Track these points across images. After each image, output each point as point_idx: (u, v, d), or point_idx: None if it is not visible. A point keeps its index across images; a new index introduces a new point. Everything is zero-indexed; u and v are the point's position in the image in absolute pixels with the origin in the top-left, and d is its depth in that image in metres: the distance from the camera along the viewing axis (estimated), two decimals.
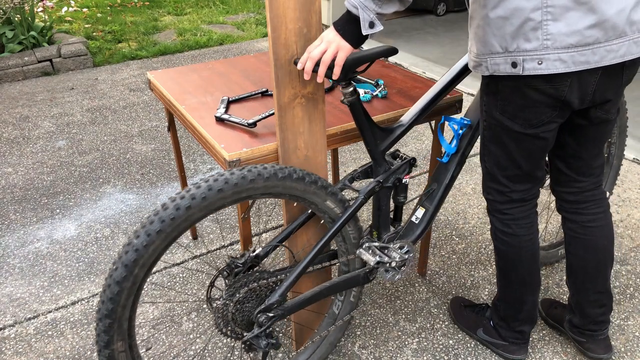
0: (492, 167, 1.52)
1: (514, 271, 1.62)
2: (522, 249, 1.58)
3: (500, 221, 1.59)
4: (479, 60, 1.33)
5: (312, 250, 1.41)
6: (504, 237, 1.59)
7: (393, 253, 1.57)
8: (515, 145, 1.42)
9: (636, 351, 1.80)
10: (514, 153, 1.44)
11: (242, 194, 1.26)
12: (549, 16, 1.18)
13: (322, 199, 1.41)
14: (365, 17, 1.25)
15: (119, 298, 1.19)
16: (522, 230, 1.57)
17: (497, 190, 1.55)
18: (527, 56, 1.23)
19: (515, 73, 1.26)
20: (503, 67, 1.28)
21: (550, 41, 1.20)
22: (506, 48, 1.25)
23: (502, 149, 1.46)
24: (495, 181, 1.54)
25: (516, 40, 1.23)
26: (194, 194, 1.20)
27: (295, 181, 1.33)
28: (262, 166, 1.29)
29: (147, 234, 1.18)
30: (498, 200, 1.56)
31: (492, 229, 1.64)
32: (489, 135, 1.47)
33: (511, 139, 1.42)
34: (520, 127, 1.38)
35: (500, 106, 1.38)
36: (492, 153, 1.49)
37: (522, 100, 1.32)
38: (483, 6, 1.25)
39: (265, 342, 1.36)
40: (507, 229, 1.58)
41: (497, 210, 1.58)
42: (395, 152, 1.59)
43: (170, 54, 4.87)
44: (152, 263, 1.21)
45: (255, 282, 1.37)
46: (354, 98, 1.37)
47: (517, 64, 1.25)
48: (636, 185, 2.72)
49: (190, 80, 1.93)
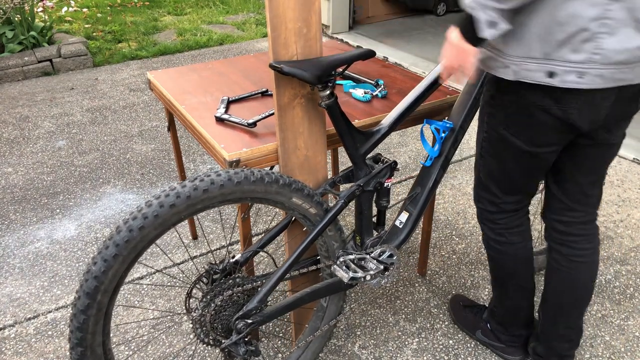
0: (486, 178, 1.49)
1: (510, 279, 1.59)
2: (517, 257, 1.55)
3: (492, 230, 1.55)
4: (506, 62, 1.22)
5: (291, 255, 1.39)
6: (497, 246, 1.56)
7: (370, 264, 1.53)
8: (514, 161, 1.38)
9: (636, 351, 1.80)
10: (511, 169, 1.41)
11: (198, 206, 1.21)
12: (604, 29, 1.09)
13: (286, 197, 1.35)
14: (483, 17, 1.12)
15: (87, 326, 1.18)
16: (516, 238, 1.54)
17: (488, 199, 1.52)
18: (569, 67, 1.13)
19: (549, 83, 1.16)
20: (536, 75, 1.17)
21: (599, 55, 1.11)
22: (548, 54, 1.14)
23: (499, 162, 1.42)
24: (487, 191, 1.51)
25: (561, 49, 1.12)
26: (146, 213, 1.16)
27: (253, 184, 1.27)
28: (215, 173, 1.23)
29: (104, 260, 1.15)
30: (489, 209, 1.53)
31: (484, 237, 1.60)
32: (488, 148, 1.43)
33: (511, 155, 1.37)
34: (523, 144, 1.33)
35: (506, 121, 1.32)
36: (487, 164, 1.46)
37: (528, 119, 1.27)
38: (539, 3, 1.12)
39: (244, 349, 1.33)
40: (501, 238, 1.54)
41: (489, 219, 1.55)
42: (377, 155, 1.57)
43: (170, 54, 4.87)
44: (115, 287, 1.19)
45: (231, 289, 1.35)
46: (332, 101, 1.35)
47: (555, 74, 1.15)
48: (636, 185, 2.72)
49: (190, 80, 1.93)
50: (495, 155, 1.42)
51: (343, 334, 1.88)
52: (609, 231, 2.38)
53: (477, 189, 1.55)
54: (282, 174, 1.33)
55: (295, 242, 1.60)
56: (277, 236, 1.49)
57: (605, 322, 1.91)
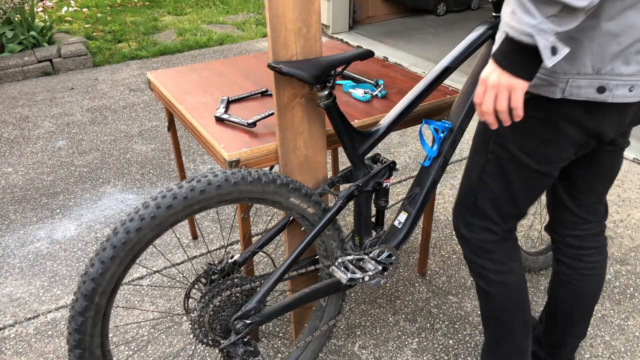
0: (486, 204, 1.34)
1: (516, 317, 1.43)
2: (519, 287, 1.41)
3: (491, 261, 1.39)
4: (552, 80, 1.10)
5: (290, 255, 1.39)
6: (500, 278, 1.39)
7: (368, 265, 1.53)
8: (522, 183, 1.27)
9: (636, 351, 1.80)
10: (517, 192, 1.29)
11: (195, 206, 1.21)
12: None
13: (284, 197, 1.35)
14: (545, 44, 0.97)
15: (85, 328, 1.18)
16: (517, 265, 1.41)
17: (485, 228, 1.37)
18: (620, 81, 1.06)
19: (598, 99, 1.08)
20: (585, 91, 1.08)
21: None
22: (599, 70, 1.06)
23: (505, 185, 1.29)
24: (485, 219, 1.36)
25: (614, 62, 1.05)
26: (143, 215, 1.16)
27: (250, 184, 1.26)
28: (212, 174, 1.23)
29: (101, 262, 1.15)
30: (486, 239, 1.38)
31: (479, 274, 1.42)
32: (492, 171, 1.29)
33: (520, 176, 1.26)
34: (536, 164, 1.22)
35: (520, 140, 1.21)
36: (489, 189, 1.32)
37: (552, 134, 1.16)
38: (593, 15, 1.02)
39: (243, 349, 1.33)
40: (503, 267, 1.39)
41: (486, 250, 1.39)
42: (376, 155, 1.57)
43: (170, 54, 4.87)
44: (112, 289, 1.19)
45: (229, 290, 1.35)
46: (330, 101, 1.35)
47: (605, 89, 1.06)
48: (636, 185, 2.72)
49: (190, 80, 1.93)
50: (502, 178, 1.29)
51: (343, 334, 1.88)
52: (609, 231, 2.38)
53: (468, 217, 1.39)
54: (279, 174, 1.33)
55: (295, 242, 1.60)
56: (276, 236, 1.49)
57: (605, 322, 1.91)
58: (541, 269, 2.11)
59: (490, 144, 1.28)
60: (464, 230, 1.41)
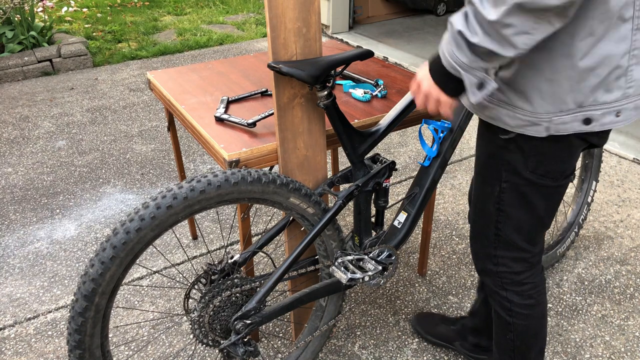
0: (512, 234, 1.27)
1: (534, 346, 1.41)
2: (543, 317, 1.38)
3: (518, 294, 1.34)
4: (535, 120, 1.09)
5: (290, 255, 1.39)
6: (525, 311, 1.35)
7: (368, 265, 1.53)
8: (545, 202, 1.23)
9: (636, 351, 1.80)
10: (542, 212, 1.24)
11: (195, 207, 1.21)
12: (634, 60, 1.02)
13: (284, 197, 1.34)
14: (472, 81, 1.01)
15: (85, 329, 1.18)
16: (543, 297, 1.36)
17: (514, 258, 1.31)
18: (605, 109, 1.05)
19: (586, 130, 1.07)
20: (571, 125, 1.07)
21: (632, 88, 1.05)
22: (580, 103, 1.05)
23: (529, 211, 1.24)
24: (512, 249, 1.30)
25: (594, 94, 1.04)
26: (143, 215, 1.16)
27: (250, 184, 1.26)
28: (212, 174, 1.23)
29: (101, 262, 1.15)
30: (516, 270, 1.32)
31: (504, 308, 1.37)
32: (512, 199, 1.23)
33: (542, 196, 1.22)
34: (553, 181, 1.19)
35: (533, 164, 1.17)
36: (512, 218, 1.25)
37: (565, 152, 1.14)
38: (567, 56, 1.01)
39: (243, 349, 1.33)
40: (529, 301, 1.34)
41: (515, 282, 1.33)
42: (375, 155, 1.57)
43: (170, 54, 4.87)
44: (112, 289, 1.19)
45: (229, 290, 1.35)
46: (330, 101, 1.36)
47: (591, 120, 1.05)
48: (636, 185, 2.72)
49: (190, 80, 1.93)
50: (523, 204, 1.23)
51: (343, 334, 1.88)
52: (609, 231, 2.38)
53: (492, 251, 1.32)
54: (279, 174, 1.33)
55: (295, 242, 1.60)
56: (276, 236, 1.49)
57: (605, 322, 1.91)
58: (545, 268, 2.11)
59: (503, 173, 1.22)
60: (490, 265, 1.35)
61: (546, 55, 1.03)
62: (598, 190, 2.68)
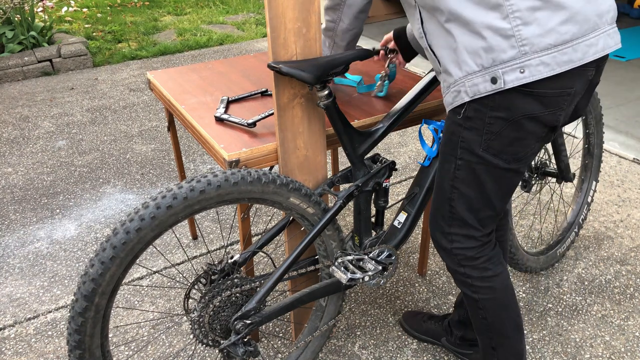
0: (463, 211, 1.34)
1: (508, 320, 1.44)
2: (508, 289, 1.42)
3: (475, 268, 1.39)
4: (456, 88, 1.21)
5: (290, 255, 1.38)
6: (486, 284, 1.40)
7: (368, 265, 1.53)
8: (494, 184, 1.29)
9: (636, 351, 1.80)
10: (491, 193, 1.30)
11: (195, 207, 1.21)
12: (518, 21, 1.11)
13: (284, 197, 1.34)
14: None
15: (85, 329, 1.18)
16: (500, 267, 1.41)
17: (466, 236, 1.37)
18: (506, 67, 1.13)
19: (496, 89, 1.15)
20: (483, 86, 1.16)
21: (527, 46, 1.11)
22: (482, 65, 1.15)
23: (478, 189, 1.30)
24: (464, 226, 1.36)
25: (489, 54, 1.14)
26: (143, 215, 1.16)
27: (250, 184, 1.26)
28: (212, 174, 1.23)
29: (101, 262, 1.15)
30: (468, 246, 1.37)
31: (465, 285, 1.42)
32: (464, 176, 1.30)
33: (492, 177, 1.28)
34: (505, 163, 1.25)
35: (486, 141, 1.23)
36: (464, 195, 1.32)
37: (516, 132, 1.20)
38: (454, 26, 1.17)
39: (243, 349, 1.33)
40: (487, 273, 1.40)
41: (469, 257, 1.38)
42: (375, 155, 1.57)
43: (170, 54, 4.87)
44: (112, 289, 1.19)
45: (229, 290, 1.35)
46: (330, 101, 1.36)
47: (497, 78, 1.14)
48: (636, 185, 2.72)
49: (190, 80, 1.93)
50: (474, 183, 1.29)
51: (343, 334, 1.88)
52: (609, 231, 2.38)
53: (446, 228, 1.38)
54: (279, 174, 1.33)
55: (295, 242, 1.60)
56: (276, 236, 1.49)
57: (605, 322, 1.91)
58: (542, 269, 2.11)
59: (458, 150, 1.29)
60: (444, 242, 1.40)
61: (444, 32, 1.19)
62: (598, 190, 2.68)
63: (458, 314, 1.71)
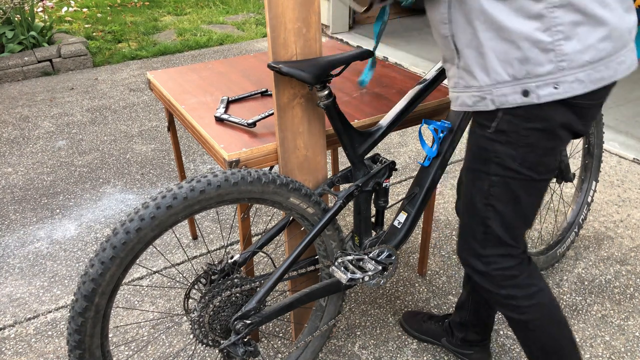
0: (499, 230, 1.27)
1: (563, 337, 1.35)
2: (554, 301, 1.34)
3: (517, 287, 1.31)
4: (482, 94, 1.16)
5: (290, 255, 1.38)
6: (533, 302, 1.32)
7: (368, 265, 1.53)
8: (530, 197, 1.24)
9: (636, 351, 1.80)
10: (526, 207, 1.25)
11: (195, 207, 1.21)
12: (559, 35, 1.06)
13: (284, 197, 1.34)
14: None
15: (85, 329, 1.18)
16: (542, 281, 1.33)
17: (503, 255, 1.30)
18: (540, 81, 1.09)
19: (527, 102, 1.11)
20: (512, 97, 1.12)
21: (565, 62, 1.07)
22: (514, 76, 1.10)
23: (514, 205, 1.24)
24: (501, 245, 1.29)
25: (525, 66, 1.08)
26: (143, 215, 1.16)
27: (250, 184, 1.26)
28: (212, 174, 1.23)
29: (101, 262, 1.15)
30: (506, 266, 1.30)
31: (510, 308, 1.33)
32: (499, 193, 1.24)
33: (527, 191, 1.23)
34: (538, 175, 1.21)
35: (522, 155, 1.18)
36: (499, 213, 1.26)
37: (551, 142, 1.16)
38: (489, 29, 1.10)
39: (243, 349, 1.33)
40: (530, 289, 1.32)
41: (508, 277, 1.31)
42: (375, 155, 1.57)
43: (170, 54, 4.87)
44: (112, 290, 1.19)
45: (229, 290, 1.35)
46: (330, 101, 1.36)
47: (529, 92, 1.10)
48: (636, 185, 2.72)
49: (190, 80, 1.93)
50: (510, 199, 1.24)
51: (343, 334, 1.88)
52: (609, 231, 2.38)
53: (481, 250, 1.31)
54: (279, 174, 1.33)
55: (295, 242, 1.60)
56: (276, 236, 1.49)
57: (605, 322, 1.91)
58: (542, 269, 2.11)
59: (491, 166, 1.23)
60: (479, 265, 1.32)
61: (471, 29, 1.11)
62: (598, 190, 2.68)
63: (459, 316, 1.70)
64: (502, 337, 1.86)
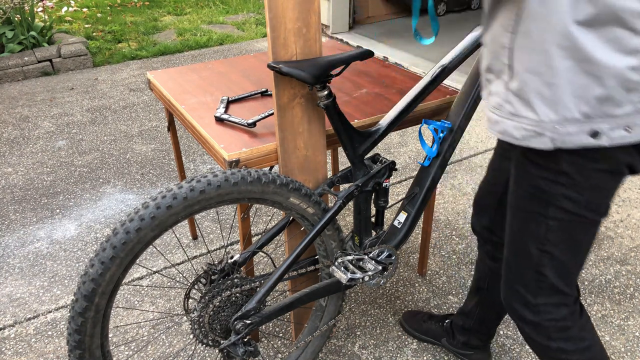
0: (554, 278, 1.15)
1: None
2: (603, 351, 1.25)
3: (569, 340, 1.20)
4: (539, 130, 1.00)
5: (290, 255, 1.38)
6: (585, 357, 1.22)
7: (368, 265, 1.53)
8: (590, 239, 1.14)
9: (636, 351, 1.80)
10: (584, 249, 1.14)
11: (195, 207, 1.21)
12: None
13: (284, 197, 1.34)
14: None
15: (84, 329, 1.18)
16: (595, 334, 1.24)
17: (556, 304, 1.18)
18: (614, 123, 0.96)
19: (593, 144, 0.98)
20: (578, 137, 0.98)
21: None
22: (587, 114, 0.96)
23: (574, 250, 1.13)
24: (555, 294, 1.18)
25: (602, 105, 0.95)
26: (142, 215, 1.16)
27: (250, 184, 1.26)
28: (212, 174, 1.23)
29: (101, 262, 1.15)
30: (559, 316, 1.19)
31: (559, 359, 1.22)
32: (559, 239, 1.12)
33: (587, 234, 1.12)
34: (601, 216, 1.10)
35: (587, 198, 1.07)
36: (557, 259, 1.14)
37: (615, 183, 1.07)
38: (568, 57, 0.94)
39: (243, 349, 1.33)
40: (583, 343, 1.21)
41: (561, 328, 1.20)
42: (375, 155, 1.57)
43: (170, 54, 4.87)
44: (112, 289, 1.19)
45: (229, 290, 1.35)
46: (330, 101, 1.36)
47: (599, 133, 0.96)
48: (636, 185, 2.72)
49: (190, 80, 1.93)
50: (572, 244, 1.13)
51: (343, 334, 1.88)
52: (609, 231, 2.38)
53: (533, 298, 1.19)
54: (279, 174, 1.33)
55: (295, 242, 1.60)
56: (276, 236, 1.49)
57: (605, 322, 1.91)
58: None
59: (550, 209, 1.10)
60: (529, 315, 1.21)
61: (544, 53, 0.95)
62: None
63: (463, 321, 1.70)
64: (502, 337, 1.86)
